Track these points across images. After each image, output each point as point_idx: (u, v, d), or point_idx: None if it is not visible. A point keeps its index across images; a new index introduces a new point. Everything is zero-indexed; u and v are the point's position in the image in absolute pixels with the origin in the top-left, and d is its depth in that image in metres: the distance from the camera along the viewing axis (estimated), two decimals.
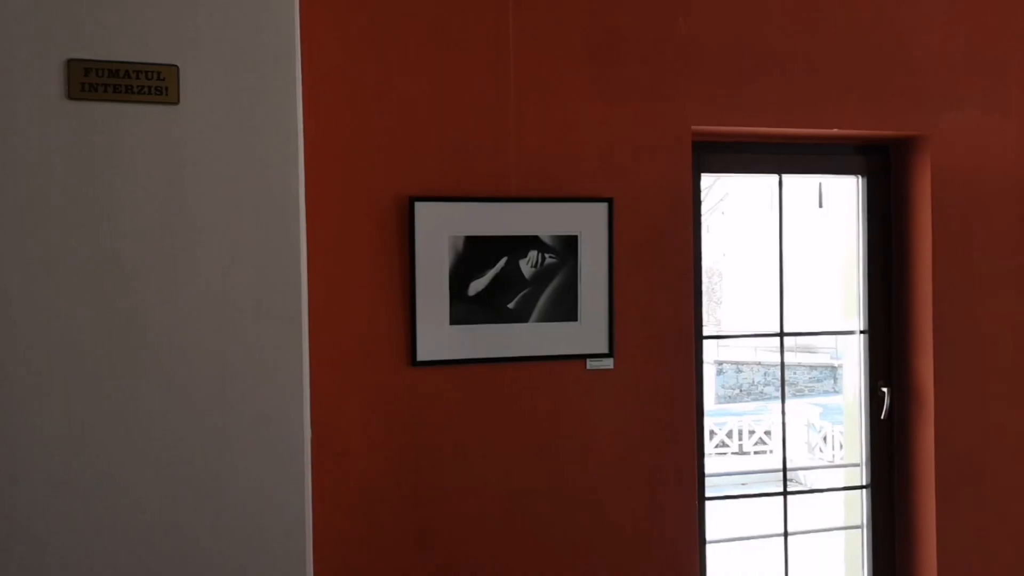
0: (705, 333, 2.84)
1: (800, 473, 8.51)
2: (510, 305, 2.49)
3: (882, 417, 2.92)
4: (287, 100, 1.90)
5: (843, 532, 3.13)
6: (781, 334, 3.04)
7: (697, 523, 2.66)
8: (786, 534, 2.92)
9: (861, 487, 2.97)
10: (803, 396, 15.25)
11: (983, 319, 2.83)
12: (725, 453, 10.27)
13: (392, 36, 2.40)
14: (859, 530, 2.99)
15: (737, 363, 18.17)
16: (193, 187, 1.83)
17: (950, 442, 2.79)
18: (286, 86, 1.90)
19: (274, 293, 1.84)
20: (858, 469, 3.00)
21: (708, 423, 10.84)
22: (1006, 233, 2.85)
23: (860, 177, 2.97)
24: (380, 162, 2.40)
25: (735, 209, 19.55)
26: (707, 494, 2.80)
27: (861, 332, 2.97)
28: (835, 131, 2.77)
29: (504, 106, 2.48)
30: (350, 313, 2.37)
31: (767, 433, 10.12)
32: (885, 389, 2.92)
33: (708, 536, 2.79)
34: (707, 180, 2.96)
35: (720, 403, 17.56)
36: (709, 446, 10.35)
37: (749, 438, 10.27)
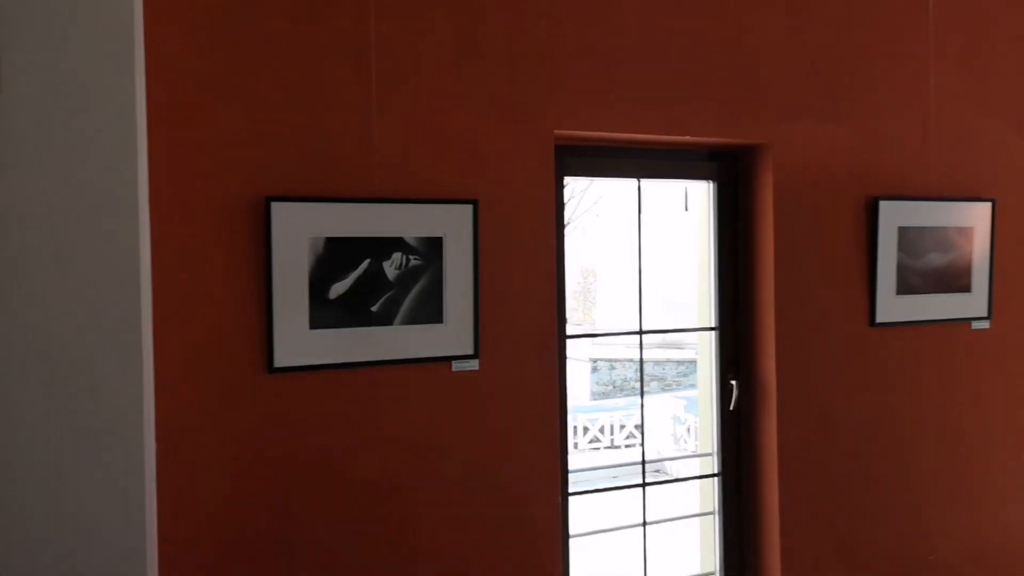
0: (580, 332, 2.91)
1: (667, 464, 8.91)
2: (374, 308, 2.45)
3: (731, 408, 3.11)
4: (124, 91, 1.78)
5: (699, 519, 3.31)
6: (640, 332, 3.17)
7: (560, 518, 2.72)
8: (645, 524, 3.05)
9: (713, 475, 3.15)
10: (671, 390, 15.98)
11: (820, 315, 3.07)
12: (598, 448, 10.60)
13: (246, 26, 2.30)
14: (712, 517, 3.16)
15: (611, 360, 18.77)
16: (17, 183, 1.67)
17: (791, 430, 3.00)
18: (123, 75, 1.78)
19: (109, 298, 1.71)
20: (710, 458, 3.18)
21: (582, 419, 11.12)
22: (841, 234, 3.10)
23: (711, 182, 3.14)
24: (234, 160, 2.29)
25: (609, 211, 20.22)
26: (582, 488, 2.87)
27: (713, 329, 3.15)
28: (688, 138, 2.92)
29: (367, 105, 2.43)
30: (201, 319, 2.25)
31: (637, 427, 10.54)
32: (734, 382, 3.11)
33: (576, 530, 2.87)
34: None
35: (595, 399, 18.11)
36: (583, 442, 10.66)
37: (620, 432, 10.65)
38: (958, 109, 3.27)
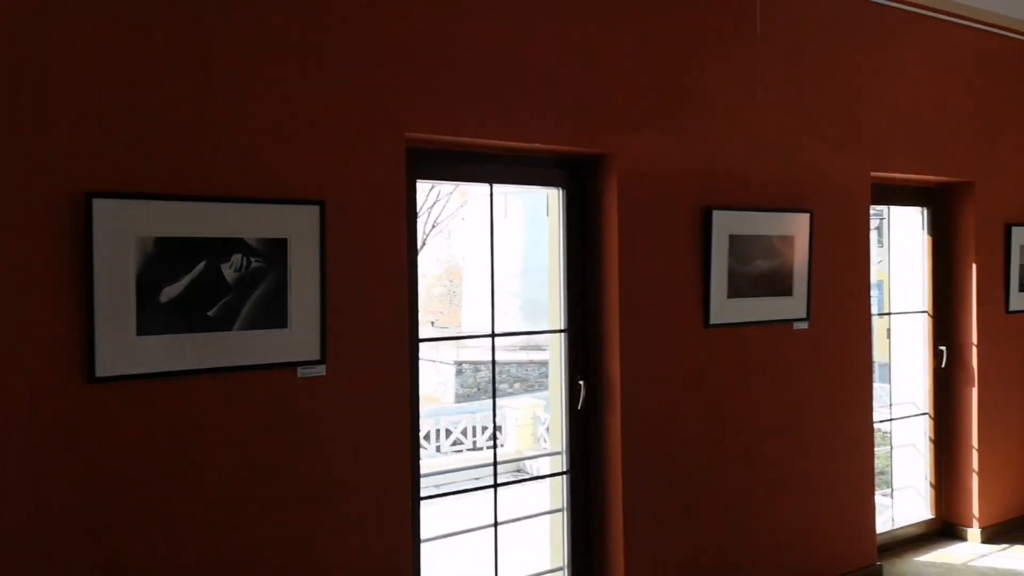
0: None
1: (528, 463, 9.08)
2: (211, 312, 2.33)
3: (579, 408, 3.22)
4: None
5: (551, 517, 3.39)
6: (492, 335, 3.21)
7: (411, 524, 2.71)
8: (496, 525, 3.09)
9: (561, 473, 3.24)
10: (533, 391, 16.31)
11: (661, 317, 3.24)
12: (461, 450, 10.63)
13: (70, 7, 2.12)
14: (561, 514, 3.25)
15: (475, 363, 18.88)
16: None
17: (634, 428, 3.15)
18: None
19: None
20: (560, 457, 3.27)
21: (445, 422, 11.09)
22: (679, 241, 3.29)
23: (560, 189, 3.24)
24: (49, 153, 2.10)
25: (474, 214, 20.36)
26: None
27: (562, 331, 3.24)
28: (536, 145, 2.99)
29: (208, 98, 2.31)
30: (9, 326, 2.05)
31: (498, 428, 10.67)
32: (582, 382, 3.22)
33: (433, 533, 2.85)
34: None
35: (460, 402, 18.15)
36: (446, 444, 10.65)
37: (483, 434, 10.74)
38: (781, 127, 3.56)
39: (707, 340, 3.36)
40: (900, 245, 4.60)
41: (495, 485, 3.12)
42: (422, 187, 2.99)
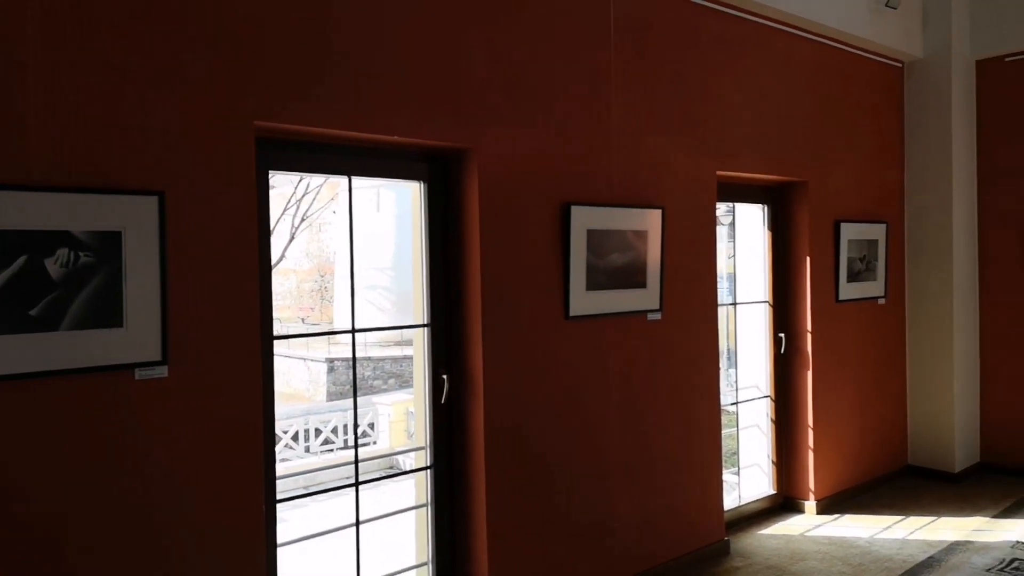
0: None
1: (401, 460, 9.00)
2: (33, 312, 2.14)
3: (442, 402, 3.22)
4: None
5: (417, 512, 3.37)
6: (353, 331, 3.15)
7: (264, 528, 2.61)
8: (357, 524, 3.04)
9: (426, 468, 3.23)
10: (408, 387, 16.16)
11: (523, 310, 3.29)
12: (332, 449, 10.38)
13: None
14: (425, 509, 3.25)
15: (348, 360, 18.48)
16: None
17: (496, 420, 3.18)
18: None
19: None
20: (424, 452, 3.26)
21: (314, 421, 10.78)
22: (540, 235, 3.35)
23: (422, 183, 3.22)
24: None
25: (345, 207, 19.90)
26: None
27: (425, 325, 3.23)
28: (396, 138, 2.95)
29: (22, 75, 2.11)
30: None
31: (371, 426, 10.49)
32: (445, 376, 3.22)
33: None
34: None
35: (332, 400, 17.70)
36: (315, 444, 10.36)
37: (354, 432, 10.53)
38: (634, 126, 3.71)
39: (567, 332, 3.45)
40: (745, 240, 4.92)
41: (356, 484, 3.07)
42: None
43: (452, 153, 3.20)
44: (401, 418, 10.38)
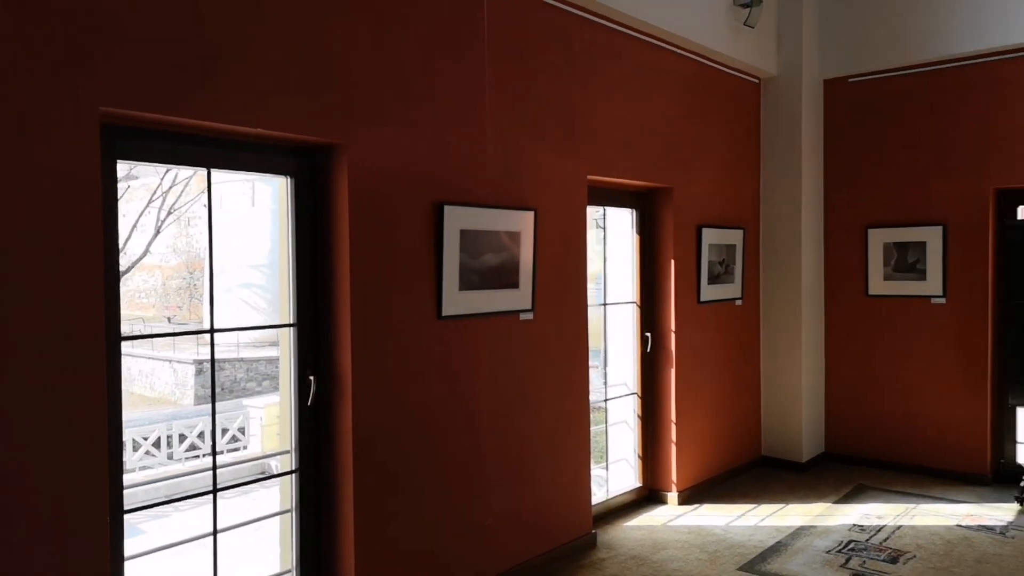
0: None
1: (273, 461, 8.68)
2: None
3: (308, 404, 3.13)
4: None
5: (282, 518, 3.26)
6: (212, 331, 3.01)
7: (109, 541, 2.44)
8: (215, 532, 2.90)
9: (291, 472, 3.13)
10: None
11: (394, 310, 3.25)
12: (198, 455, 9.86)
13: None
14: (289, 514, 3.14)
15: (218, 361, 17.66)
16: None
17: (365, 421, 3.13)
18: None
19: None
20: (289, 455, 3.15)
21: (179, 426, 10.21)
22: (413, 235, 3.32)
23: (289, 178, 3.11)
24: None
25: (216, 201, 18.98)
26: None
27: (291, 325, 3.13)
28: (260, 131, 2.84)
29: None
30: None
31: (241, 430, 10.06)
32: (312, 377, 3.13)
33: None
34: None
35: (200, 403, 16.84)
36: (180, 451, 9.81)
37: (223, 437, 10.06)
38: (508, 129, 3.76)
39: (439, 332, 3.44)
40: (615, 243, 5.10)
41: (214, 490, 2.93)
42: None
43: (321, 148, 3.12)
44: (274, 422, 10.01)
